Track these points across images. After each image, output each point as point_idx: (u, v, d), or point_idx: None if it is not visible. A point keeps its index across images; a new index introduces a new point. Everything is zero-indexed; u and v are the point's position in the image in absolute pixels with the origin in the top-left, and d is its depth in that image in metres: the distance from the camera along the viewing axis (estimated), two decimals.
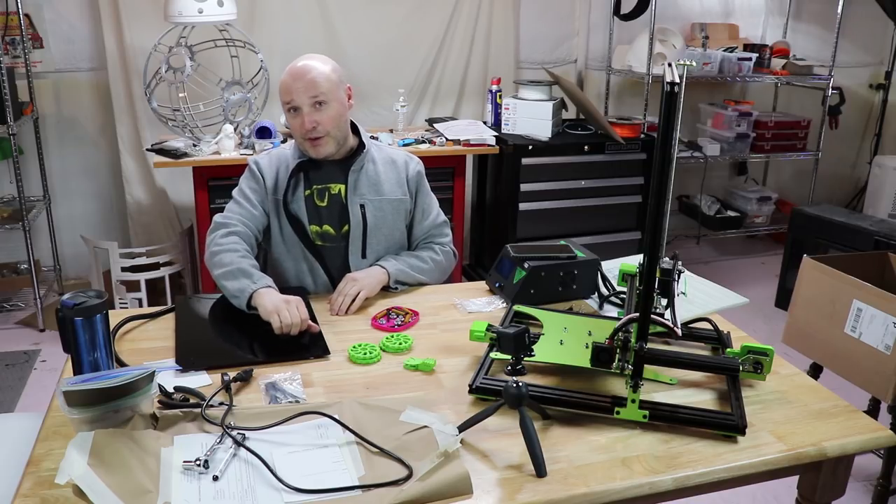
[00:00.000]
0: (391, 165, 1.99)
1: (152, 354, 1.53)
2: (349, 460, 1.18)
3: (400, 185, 1.98)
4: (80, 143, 3.68)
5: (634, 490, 1.17)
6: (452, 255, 2.06)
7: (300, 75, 1.84)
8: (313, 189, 1.94)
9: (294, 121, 1.87)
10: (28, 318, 3.48)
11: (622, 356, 1.32)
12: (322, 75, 1.84)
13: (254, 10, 3.59)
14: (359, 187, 1.94)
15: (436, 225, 2.05)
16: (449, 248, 2.05)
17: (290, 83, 1.84)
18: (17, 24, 3.37)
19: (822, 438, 1.29)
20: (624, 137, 3.57)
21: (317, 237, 1.95)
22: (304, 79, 1.83)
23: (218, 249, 1.79)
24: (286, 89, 1.85)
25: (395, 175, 1.98)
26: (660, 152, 1.15)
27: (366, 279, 1.84)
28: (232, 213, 1.89)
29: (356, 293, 1.79)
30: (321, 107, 1.84)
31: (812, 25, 4.67)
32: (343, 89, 1.91)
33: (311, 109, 1.84)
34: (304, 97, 1.83)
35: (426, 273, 1.97)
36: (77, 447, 1.13)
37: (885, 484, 2.22)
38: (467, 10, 3.93)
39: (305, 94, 1.83)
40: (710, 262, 4.50)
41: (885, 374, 2.07)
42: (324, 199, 1.94)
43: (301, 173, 1.93)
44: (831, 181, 4.94)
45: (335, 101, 1.86)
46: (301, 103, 1.84)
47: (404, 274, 1.91)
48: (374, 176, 1.95)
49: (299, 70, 1.85)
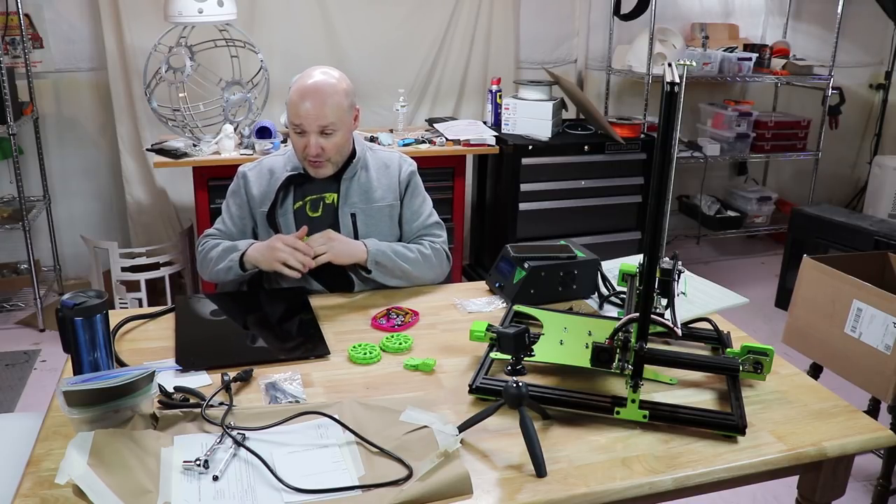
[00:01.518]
0: (384, 170, 1.97)
1: (152, 354, 1.53)
2: (349, 460, 1.18)
3: (392, 190, 1.96)
4: (80, 143, 3.68)
5: (634, 490, 1.17)
6: (444, 255, 1.98)
7: (312, 99, 1.79)
8: (306, 200, 1.93)
9: (298, 140, 1.84)
10: (28, 318, 3.48)
11: (622, 356, 1.32)
12: (334, 104, 1.80)
13: (254, 10, 3.59)
14: (350, 196, 1.92)
15: (426, 225, 1.99)
16: (440, 247, 1.97)
17: (303, 107, 1.79)
18: (17, 24, 3.37)
19: (822, 438, 1.29)
20: (624, 137, 3.57)
21: None
22: (315, 105, 1.79)
23: (204, 253, 1.92)
24: (296, 112, 1.81)
25: (388, 180, 1.96)
26: (660, 152, 1.15)
27: (340, 245, 1.81)
28: (216, 229, 1.98)
29: (321, 252, 1.77)
30: (328, 136, 1.82)
31: (812, 25, 4.67)
32: (352, 115, 1.88)
33: (318, 136, 1.82)
34: (314, 125, 1.80)
35: (410, 263, 1.88)
36: (77, 447, 1.13)
37: (885, 484, 2.22)
38: (467, 10, 3.93)
39: (315, 122, 1.80)
40: (710, 262, 4.50)
41: (885, 374, 2.07)
42: (318, 210, 1.93)
43: (291, 186, 1.92)
44: (831, 181, 4.94)
45: (343, 128, 1.84)
46: (309, 129, 1.81)
47: (384, 255, 1.84)
48: (365, 183, 1.94)
49: (311, 93, 1.80)
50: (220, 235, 1.96)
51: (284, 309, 1.80)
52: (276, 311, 1.80)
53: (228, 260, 1.84)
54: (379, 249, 1.85)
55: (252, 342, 1.62)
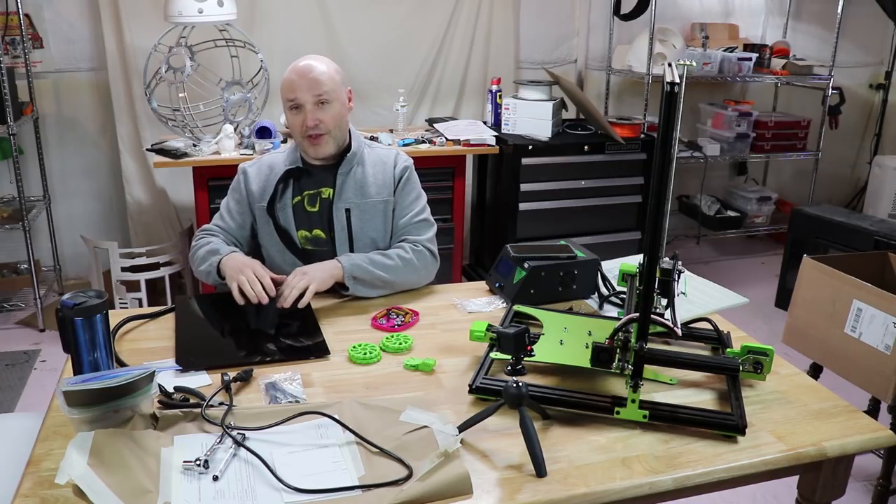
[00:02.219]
0: (380, 166, 1.97)
1: (152, 354, 1.53)
2: (349, 460, 1.18)
3: (387, 186, 1.96)
4: (80, 143, 3.68)
5: (634, 490, 1.17)
6: (429, 255, 1.91)
7: (304, 73, 1.85)
8: (304, 195, 1.93)
9: (295, 118, 1.88)
10: (28, 318, 3.49)
11: (622, 356, 1.32)
12: (325, 74, 1.86)
13: (254, 10, 3.59)
14: (345, 191, 1.93)
15: (413, 222, 1.94)
16: (423, 248, 1.90)
17: (294, 80, 1.85)
18: (17, 24, 3.37)
19: (822, 438, 1.29)
20: (624, 137, 3.57)
21: (306, 242, 1.94)
22: (307, 76, 1.84)
23: (195, 250, 1.91)
24: (289, 87, 1.86)
25: (383, 176, 1.96)
26: (660, 152, 1.15)
27: (316, 272, 1.76)
28: (214, 224, 1.98)
29: (304, 286, 1.71)
30: (324, 105, 1.85)
31: (812, 25, 4.67)
32: (345, 91, 1.92)
33: (314, 107, 1.85)
34: (308, 95, 1.84)
35: (390, 270, 1.82)
36: (77, 447, 1.13)
37: (885, 484, 2.22)
38: (467, 10, 3.93)
39: (309, 91, 1.84)
40: (710, 262, 4.50)
41: (885, 374, 2.07)
42: (315, 204, 1.94)
43: (290, 180, 1.93)
44: (831, 181, 4.94)
45: (337, 100, 1.88)
46: (304, 101, 1.84)
47: (360, 269, 1.78)
48: (360, 178, 1.94)
49: (303, 68, 1.86)
50: (217, 230, 1.96)
51: (284, 309, 1.80)
52: (275, 311, 1.79)
53: (208, 264, 1.83)
54: (354, 264, 1.79)
55: (252, 342, 1.62)
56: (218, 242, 1.90)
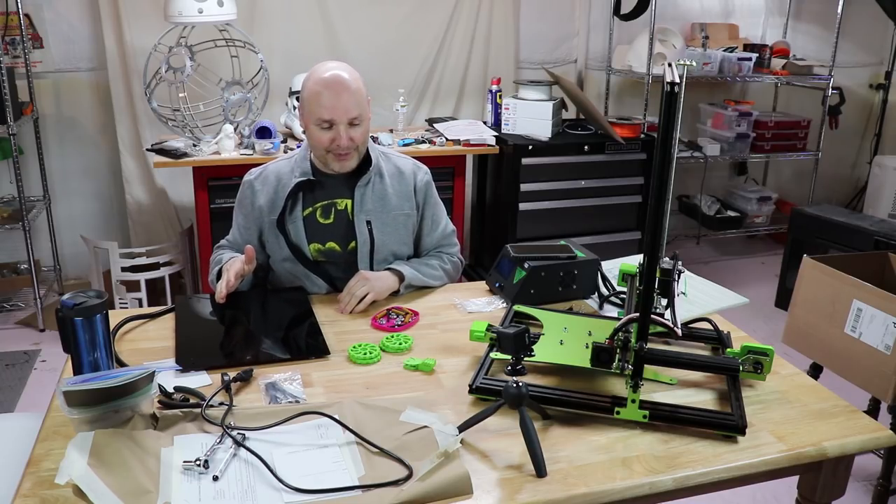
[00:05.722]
0: (398, 177, 1.94)
1: (152, 354, 1.53)
2: (349, 460, 1.18)
3: (408, 199, 1.94)
4: (80, 143, 3.68)
5: (634, 490, 1.17)
6: (460, 263, 2.06)
7: (338, 92, 1.78)
8: (316, 207, 1.90)
9: (323, 135, 1.81)
10: (28, 318, 3.48)
11: (622, 356, 1.32)
12: (359, 93, 1.81)
13: (254, 10, 3.59)
14: (365, 203, 1.90)
15: (445, 235, 2.04)
16: (457, 259, 2.05)
17: (328, 98, 1.77)
18: (17, 24, 3.37)
19: (822, 438, 1.29)
20: (624, 137, 3.57)
21: (319, 255, 1.92)
22: (342, 97, 1.78)
23: (210, 270, 1.94)
24: (322, 105, 1.78)
25: (403, 188, 1.94)
26: (660, 152, 1.15)
27: (377, 282, 1.81)
28: (227, 239, 2.01)
29: (364, 294, 1.77)
30: (356, 126, 1.81)
31: (812, 25, 4.67)
32: (369, 105, 1.87)
33: (347, 127, 1.80)
34: (344, 117, 1.78)
35: (436, 280, 1.95)
36: (77, 447, 1.13)
37: (885, 484, 2.22)
38: (467, 10, 3.93)
39: (346, 115, 1.78)
40: (710, 262, 4.50)
41: (885, 374, 2.07)
42: (329, 216, 1.91)
43: (300, 193, 1.89)
44: (831, 181, 4.94)
45: (367, 118, 1.85)
46: (339, 121, 1.79)
47: (417, 279, 1.89)
48: (380, 190, 1.91)
49: (336, 84, 1.78)
50: (228, 245, 1.98)
51: (284, 309, 1.80)
52: (276, 311, 1.80)
53: (212, 273, 1.90)
54: (413, 275, 1.88)
55: (252, 342, 1.62)
56: (227, 256, 1.89)
